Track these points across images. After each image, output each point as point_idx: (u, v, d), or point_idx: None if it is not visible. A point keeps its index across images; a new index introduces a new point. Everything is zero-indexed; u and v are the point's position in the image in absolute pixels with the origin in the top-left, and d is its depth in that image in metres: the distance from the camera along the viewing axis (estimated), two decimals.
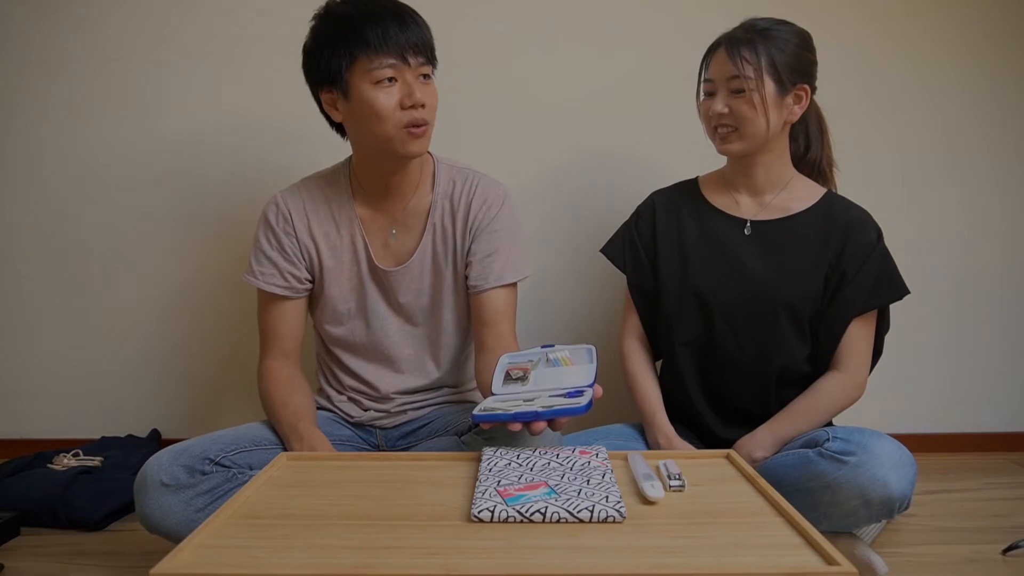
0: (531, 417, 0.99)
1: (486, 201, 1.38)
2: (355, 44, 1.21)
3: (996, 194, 1.94)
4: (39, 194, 1.90)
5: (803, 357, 1.39)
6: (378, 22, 1.20)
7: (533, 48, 1.83)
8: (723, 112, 1.34)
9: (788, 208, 1.42)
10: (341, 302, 1.39)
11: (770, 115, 1.34)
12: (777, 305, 1.37)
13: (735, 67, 1.32)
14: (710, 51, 1.39)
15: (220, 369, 1.94)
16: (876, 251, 1.37)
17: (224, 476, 1.19)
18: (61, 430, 1.92)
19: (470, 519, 0.84)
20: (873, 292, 1.36)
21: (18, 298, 1.92)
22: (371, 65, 1.21)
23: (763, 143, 1.37)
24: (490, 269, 1.36)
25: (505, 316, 1.36)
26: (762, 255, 1.40)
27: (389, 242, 1.38)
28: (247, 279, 1.38)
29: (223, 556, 0.77)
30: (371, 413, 1.42)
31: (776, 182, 1.43)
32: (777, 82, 1.33)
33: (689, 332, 1.44)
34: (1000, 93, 1.91)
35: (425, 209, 1.38)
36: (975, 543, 1.40)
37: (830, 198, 1.43)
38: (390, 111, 1.23)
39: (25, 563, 1.35)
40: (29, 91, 1.87)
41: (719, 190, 1.48)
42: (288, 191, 1.39)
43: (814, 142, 1.49)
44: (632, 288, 1.52)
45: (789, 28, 1.37)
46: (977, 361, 1.97)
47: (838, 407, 1.38)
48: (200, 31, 1.86)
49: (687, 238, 1.46)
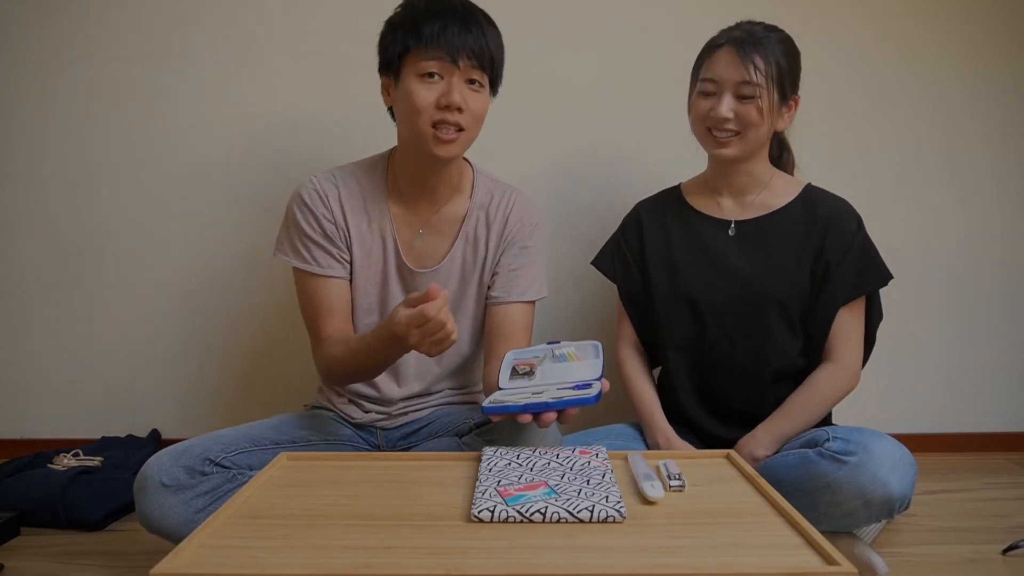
0: (541, 408, 0.99)
1: (522, 218, 1.40)
2: (411, 35, 1.23)
3: (995, 193, 1.94)
4: (39, 194, 1.90)
5: (796, 352, 1.40)
6: (439, 19, 1.22)
7: (533, 48, 1.83)
8: (728, 116, 1.34)
9: (769, 205, 1.43)
10: (362, 296, 1.39)
11: (771, 123, 1.35)
12: (766, 302, 1.38)
13: (746, 72, 1.31)
14: (710, 50, 1.38)
15: (220, 369, 1.94)
16: (857, 239, 1.38)
17: (224, 476, 1.19)
18: (61, 430, 1.92)
19: (470, 519, 0.84)
20: (857, 280, 1.37)
21: (18, 298, 1.92)
22: (420, 57, 1.23)
23: (757, 149, 1.39)
24: (515, 283, 1.38)
25: (523, 331, 1.38)
26: (748, 254, 1.41)
27: (415, 242, 1.38)
28: (298, 266, 1.34)
29: (223, 556, 0.77)
30: (372, 415, 1.42)
31: (758, 183, 1.44)
32: (780, 91, 1.34)
33: (682, 336, 1.44)
34: (999, 93, 1.92)
35: (460, 216, 1.39)
36: (975, 543, 1.40)
37: (809, 191, 1.44)
38: (425, 106, 1.23)
39: (25, 563, 1.35)
40: (30, 91, 1.87)
41: (702, 194, 1.49)
42: (322, 176, 1.38)
43: (784, 150, 1.51)
44: (624, 297, 1.53)
45: (782, 34, 1.38)
46: (977, 361, 1.97)
47: (834, 398, 1.38)
48: (201, 31, 1.86)
49: (674, 244, 1.47)
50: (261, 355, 1.93)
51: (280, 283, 1.88)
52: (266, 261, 1.87)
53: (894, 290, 1.88)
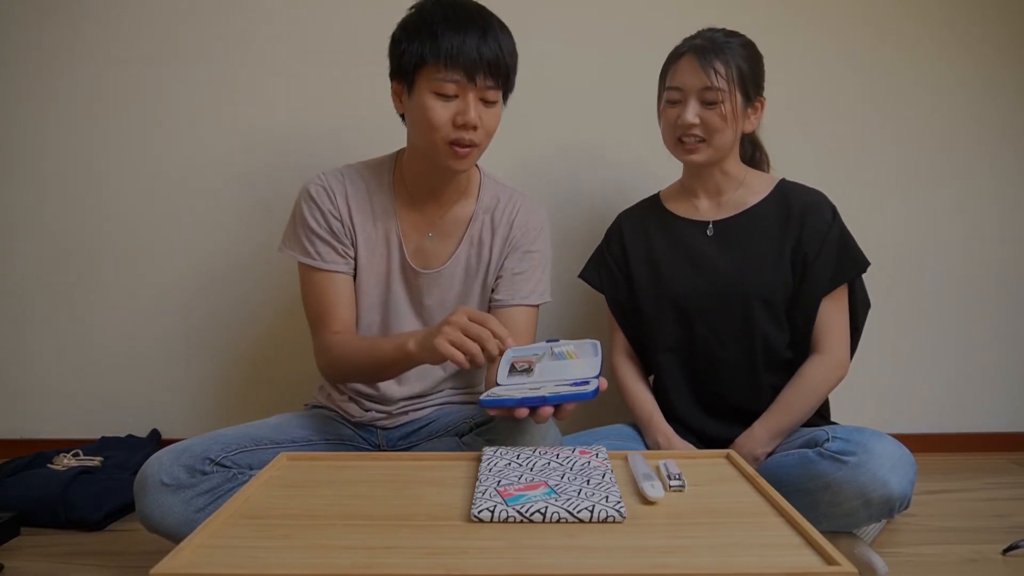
0: (538, 402, 0.99)
1: (527, 222, 1.41)
2: (429, 49, 1.21)
3: (994, 194, 1.94)
4: (40, 194, 1.90)
5: (784, 345, 1.41)
6: (458, 32, 1.20)
7: (533, 48, 1.83)
8: (694, 123, 1.36)
9: (745, 203, 1.45)
10: (365, 294, 1.39)
11: (737, 126, 1.37)
12: (750, 298, 1.39)
13: (708, 78, 1.34)
14: (673, 59, 1.41)
15: (220, 369, 1.94)
16: (833, 229, 1.39)
17: (224, 476, 1.19)
18: (61, 430, 1.93)
19: (470, 519, 0.84)
20: (836, 269, 1.39)
21: (18, 298, 1.92)
22: (437, 75, 1.21)
23: (727, 153, 1.41)
24: (519, 287, 1.39)
25: (525, 335, 1.38)
26: (727, 253, 1.42)
27: (424, 244, 1.39)
28: (303, 261, 1.35)
29: (223, 556, 0.77)
30: (372, 414, 1.42)
31: (732, 181, 1.46)
32: (744, 94, 1.37)
33: (671, 338, 1.45)
34: (997, 94, 1.92)
35: (465, 219, 1.39)
36: (975, 543, 1.40)
37: (783, 186, 1.46)
38: (441, 124, 1.23)
39: (25, 563, 1.35)
40: (31, 91, 1.88)
41: (679, 199, 1.52)
42: (330, 173, 1.38)
43: (757, 149, 1.53)
44: (612, 307, 1.55)
45: (744, 39, 1.40)
46: (977, 361, 1.97)
47: (824, 389, 1.39)
48: (202, 31, 1.86)
49: (656, 249, 1.49)
50: (261, 355, 1.93)
51: (280, 283, 1.88)
52: (267, 261, 1.87)
53: (894, 290, 1.89)
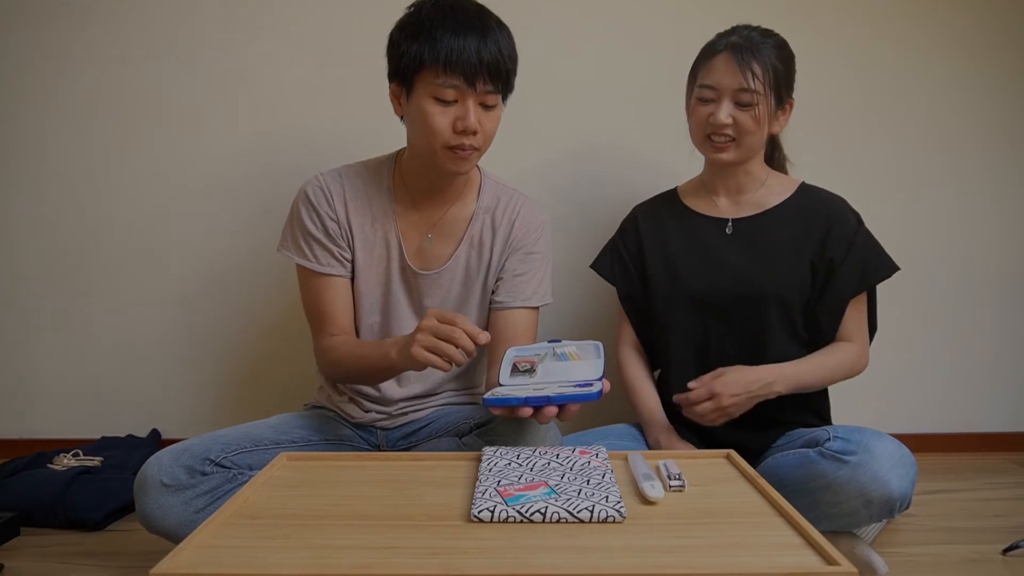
0: (543, 402, 0.99)
1: (528, 223, 1.40)
2: (426, 51, 1.19)
3: (993, 193, 1.94)
4: (40, 194, 1.90)
5: (796, 347, 1.40)
6: (457, 35, 1.18)
7: (533, 48, 1.83)
8: (727, 122, 1.35)
9: (765, 204, 1.44)
10: (364, 296, 1.39)
11: (768, 128, 1.37)
12: (766, 298, 1.38)
13: (745, 80, 1.32)
14: (708, 55, 1.38)
15: (220, 369, 1.94)
16: (859, 234, 1.39)
17: (224, 476, 1.19)
18: (61, 430, 1.92)
19: (470, 519, 0.84)
20: (865, 273, 1.39)
21: (18, 298, 1.92)
22: (436, 80, 1.20)
23: (755, 154, 1.41)
24: (520, 289, 1.38)
25: (526, 337, 1.38)
26: (745, 252, 1.42)
27: (423, 245, 1.38)
28: (300, 262, 1.35)
29: (223, 556, 0.77)
30: (372, 415, 1.42)
31: (755, 181, 1.45)
32: (776, 96, 1.35)
33: (684, 336, 1.44)
34: (996, 93, 1.92)
35: (465, 219, 1.39)
36: (975, 543, 1.40)
37: (805, 189, 1.45)
38: (441, 130, 1.23)
39: (25, 563, 1.35)
40: (31, 91, 1.87)
41: (698, 195, 1.51)
42: (328, 174, 1.38)
43: (776, 149, 1.52)
44: (623, 300, 1.54)
45: (778, 39, 1.39)
46: (977, 361, 1.97)
47: (849, 371, 1.39)
48: (202, 31, 1.86)
49: (672, 245, 1.48)
50: (261, 355, 1.93)
51: (280, 283, 1.88)
52: (267, 261, 1.87)
53: (894, 290, 1.88)
